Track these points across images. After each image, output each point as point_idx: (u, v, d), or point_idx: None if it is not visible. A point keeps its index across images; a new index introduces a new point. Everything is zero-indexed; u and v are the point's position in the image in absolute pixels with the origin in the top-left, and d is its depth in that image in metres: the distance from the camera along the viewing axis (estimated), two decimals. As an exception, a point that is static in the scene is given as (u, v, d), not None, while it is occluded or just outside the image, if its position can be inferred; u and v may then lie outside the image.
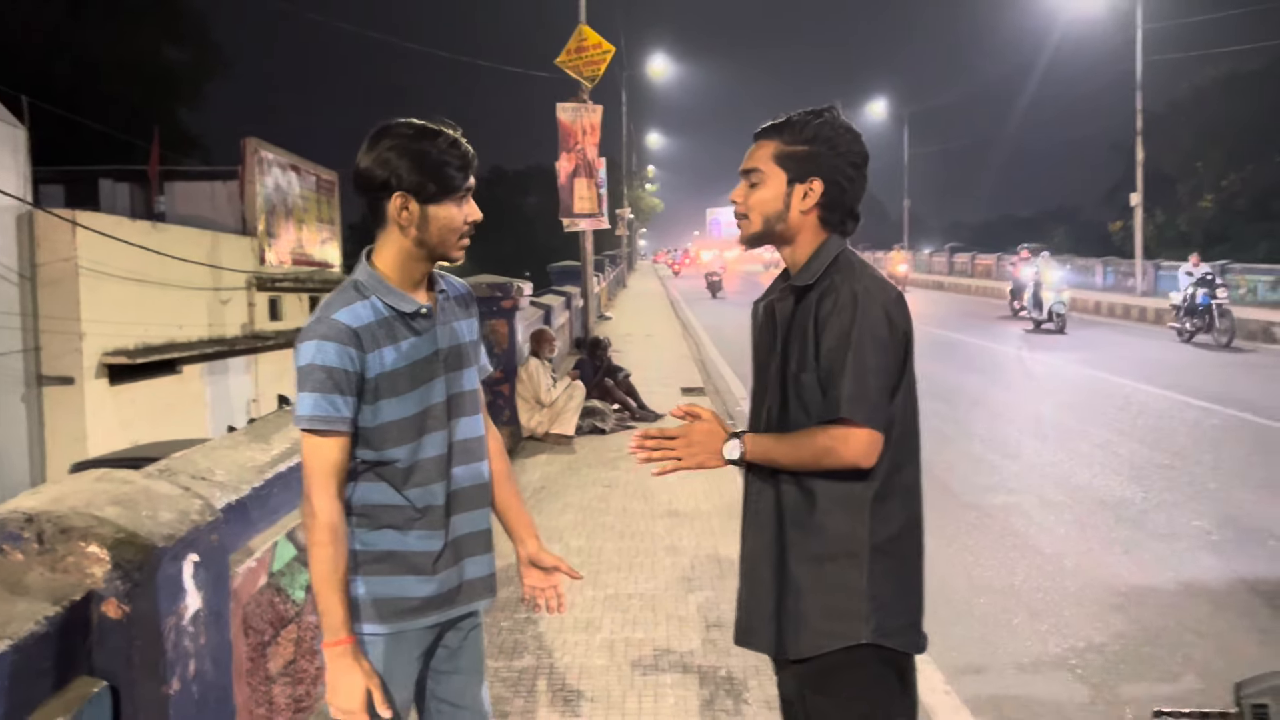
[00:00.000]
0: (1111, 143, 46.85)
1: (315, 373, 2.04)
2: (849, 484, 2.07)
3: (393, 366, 2.10)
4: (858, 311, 2.03)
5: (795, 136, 2.17)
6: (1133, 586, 5.51)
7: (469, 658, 2.34)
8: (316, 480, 2.06)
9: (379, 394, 2.09)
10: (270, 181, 23.48)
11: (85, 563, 2.15)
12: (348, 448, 2.09)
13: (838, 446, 2.02)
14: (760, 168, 2.20)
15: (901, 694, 2.14)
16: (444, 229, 2.13)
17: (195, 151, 33.70)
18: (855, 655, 2.06)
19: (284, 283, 23.78)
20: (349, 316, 2.07)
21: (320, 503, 2.05)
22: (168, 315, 18.21)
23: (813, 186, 2.16)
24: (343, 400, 2.04)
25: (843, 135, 2.17)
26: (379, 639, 2.15)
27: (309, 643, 3.53)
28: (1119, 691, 4.25)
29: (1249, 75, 37.19)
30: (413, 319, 2.14)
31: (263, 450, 3.34)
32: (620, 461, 8.34)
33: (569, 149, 15.22)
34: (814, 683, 2.12)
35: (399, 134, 2.09)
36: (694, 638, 4.56)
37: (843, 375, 2.02)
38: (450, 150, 2.10)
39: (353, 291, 2.12)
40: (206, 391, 19.91)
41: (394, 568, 2.16)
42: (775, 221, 2.20)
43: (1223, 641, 4.75)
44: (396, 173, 2.07)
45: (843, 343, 2.03)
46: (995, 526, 6.70)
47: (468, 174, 2.14)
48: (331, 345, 2.04)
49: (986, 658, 4.62)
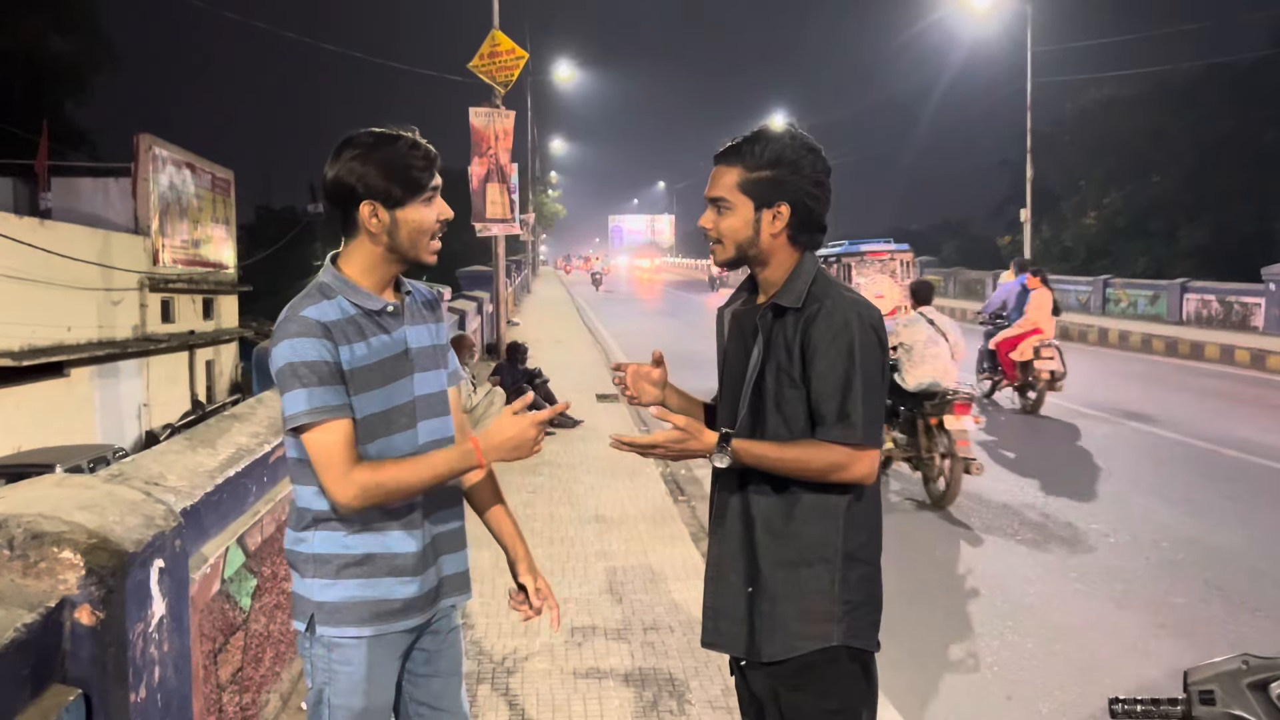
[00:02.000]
0: (1001, 159, 48.53)
1: (298, 370, 2.03)
2: (828, 494, 2.16)
3: (363, 362, 2.10)
4: (856, 336, 2.11)
5: (757, 162, 2.19)
6: (1039, 587, 5.78)
7: (448, 660, 2.34)
8: (331, 473, 2.02)
9: (354, 388, 2.08)
10: (165, 179, 22.75)
11: (58, 569, 2.10)
12: (352, 432, 2.06)
13: (850, 465, 2.10)
14: (726, 196, 2.23)
15: (868, 688, 2.25)
16: (415, 231, 2.14)
17: (83, 147, 32.36)
18: (828, 655, 2.16)
19: (177, 284, 23.08)
20: (317, 313, 2.07)
21: (343, 493, 2.01)
22: (55, 316, 17.48)
23: (780, 210, 2.20)
24: (330, 390, 2.03)
25: (805, 156, 2.19)
26: (362, 642, 2.14)
27: (255, 650, 3.47)
28: (1033, 688, 4.46)
29: (1129, 99, 38.99)
30: (380, 316, 2.15)
31: (211, 455, 3.29)
32: (543, 467, 8.34)
33: (481, 154, 15.17)
34: (788, 681, 2.20)
35: (360, 143, 2.12)
36: (633, 641, 4.61)
37: (854, 401, 2.09)
38: (411, 152, 2.13)
39: (317, 294, 2.12)
40: (96, 395, 19.16)
41: (374, 570, 2.15)
42: (748, 247, 2.24)
43: (1125, 637, 5.01)
44: (363, 180, 2.09)
45: (847, 368, 2.10)
46: (905, 534, 6.91)
47: (432, 173, 2.16)
48: (306, 340, 2.04)
49: (906, 659, 4.79)
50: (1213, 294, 22.14)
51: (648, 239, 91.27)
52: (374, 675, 2.17)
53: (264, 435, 3.69)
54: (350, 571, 2.15)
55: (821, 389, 2.12)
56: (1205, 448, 9.53)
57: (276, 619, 3.75)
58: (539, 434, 2.11)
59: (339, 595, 2.14)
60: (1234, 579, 5.81)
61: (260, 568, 3.57)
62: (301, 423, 2.03)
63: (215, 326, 25.90)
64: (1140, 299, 24.70)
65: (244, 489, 3.39)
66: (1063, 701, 4.30)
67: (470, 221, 15.17)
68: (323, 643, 2.15)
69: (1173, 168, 37.27)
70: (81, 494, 2.38)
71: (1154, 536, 6.68)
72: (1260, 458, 9.00)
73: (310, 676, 2.20)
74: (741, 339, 2.30)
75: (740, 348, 2.30)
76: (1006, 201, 45.26)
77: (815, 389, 2.13)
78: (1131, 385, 13.85)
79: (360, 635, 2.14)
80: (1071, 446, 9.81)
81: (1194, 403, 12.51)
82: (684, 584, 5.34)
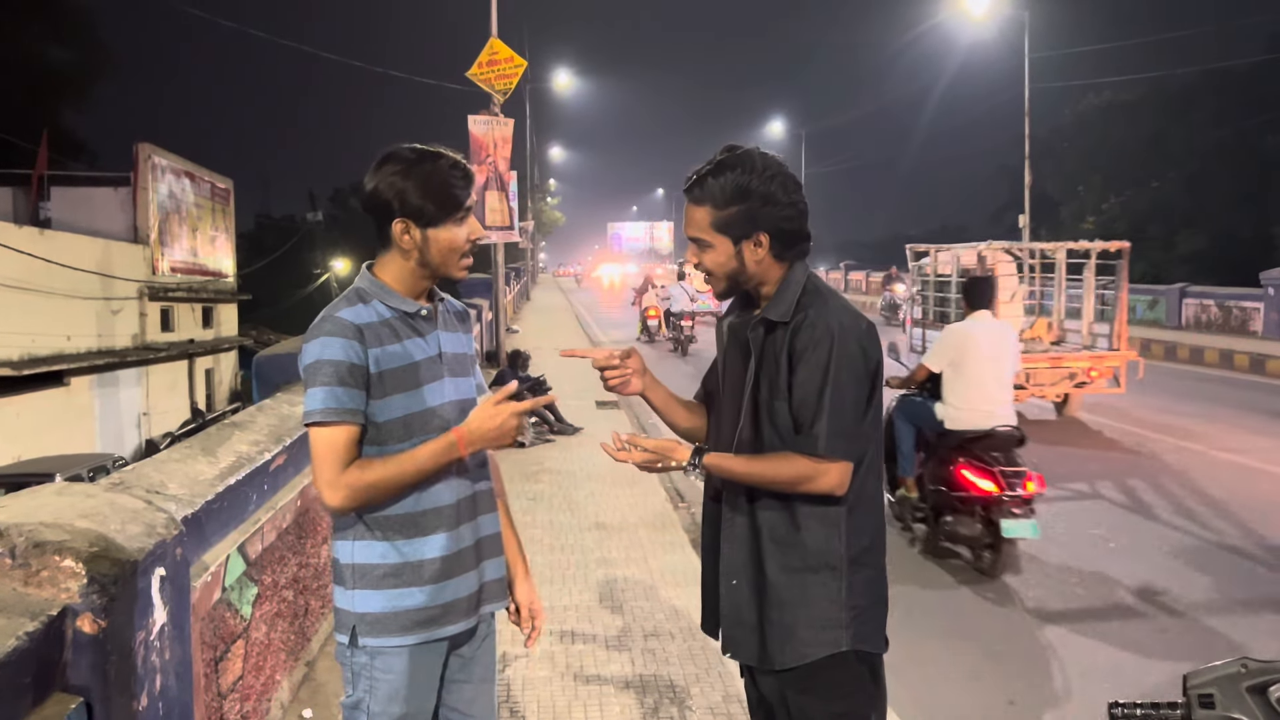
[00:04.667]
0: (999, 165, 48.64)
1: (322, 368, 2.07)
2: (825, 503, 2.18)
3: (400, 362, 2.13)
4: (834, 347, 2.11)
5: (725, 200, 2.18)
6: (1039, 593, 5.77)
7: (483, 666, 2.36)
8: (325, 473, 2.05)
9: (387, 388, 2.11)
10: (164, 188, 22.75)
11: (60, 577, 2.10)
12: (357, 438, 2.09)
13: (816, 478, 2.11)
14: (703, 237, 2.24)
15: (875, 691, 2.27)
16: (445, 250, 2.18)
17: (83, 156, 32.39)
18: (837, 659, 2.18)
19: (177, 292, 23.07)
20: (351, 315, 2.12)
21: (333, 495, 2.05)
22: (55, 325, 17.46)
23: (760, 239, 2.20)
24: (348, 393, 2.06)
25: (769, 181, 2.16)
26: (404, 650, 2.15)
27: (255, 658, 3.47)
28: (1034, 695, 4.46)
29: (1127, 104, 39.09)
30: (414, 319, 2.20)
31: (211, 463, 3.29)
32: (543, 475, 8.34)
33: (480, 161, 15.16)
34: (798, 685, 2.22)
35: (402, 158, 2.15)
36: (633, 647, 4.61)
37: (820, 412, 2.10)
38: (452, 171, 2.16)
39: (355, 297, 2.18)
40: (95, 404, 19.13)
41: (415, 578, 2.15)
42: (739, 276, 2.26)
43: (1127, 643, 5.02)
44: (400, 196, 2.13)
45: (820, 378, 2.10)
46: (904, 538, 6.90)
47: (468, 194, 2.19)
48: (337, 340, 2.08)
49: (906, 666, 4.79)
50: (1211, 299, 22.17)
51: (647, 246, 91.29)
52: (415, 682, 2.18)
53: (264, 443, 3.69)
54: (390, 581, 2.15)
55: (799, 397, 2.14)
56: (1206, 453, 9.53)
57: (277, 627, 3.75)
58: (519, 423, 2.15)
59: (381, 605, 2.14)
60: (1233, 585, 5.81)
61: (261, 576, 3.57)
62: (314, 419, 2.06)
63: (215, 335, 25.89)
64: (1139, 304, 24.70)
65: (245, 497, 3.39)
66: (1065, 707, 4.30)
67: (469, 229, 15.17)
68: (365, 650, 2.16)
69: (1171, 173, 37.34)
70: (83, 502, 2.39)
71: (1155, 542, 6.68)
72: (1262, 464, 9.00)
73: (350, 683, 2.20)
74: (738, 351, 2.32)
75: (737, 360, 2.32)
76: (1005, 207, 45.40)
77: (794, 398, 2.15)
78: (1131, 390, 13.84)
79: (404, 644, 2.15)
80: (1069, 451, 9.81)
81: (1196, 408, 12.50)
82: (684, 591, 5.34)
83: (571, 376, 14.80)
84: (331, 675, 4.06)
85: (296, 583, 4.03)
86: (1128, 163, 38.44)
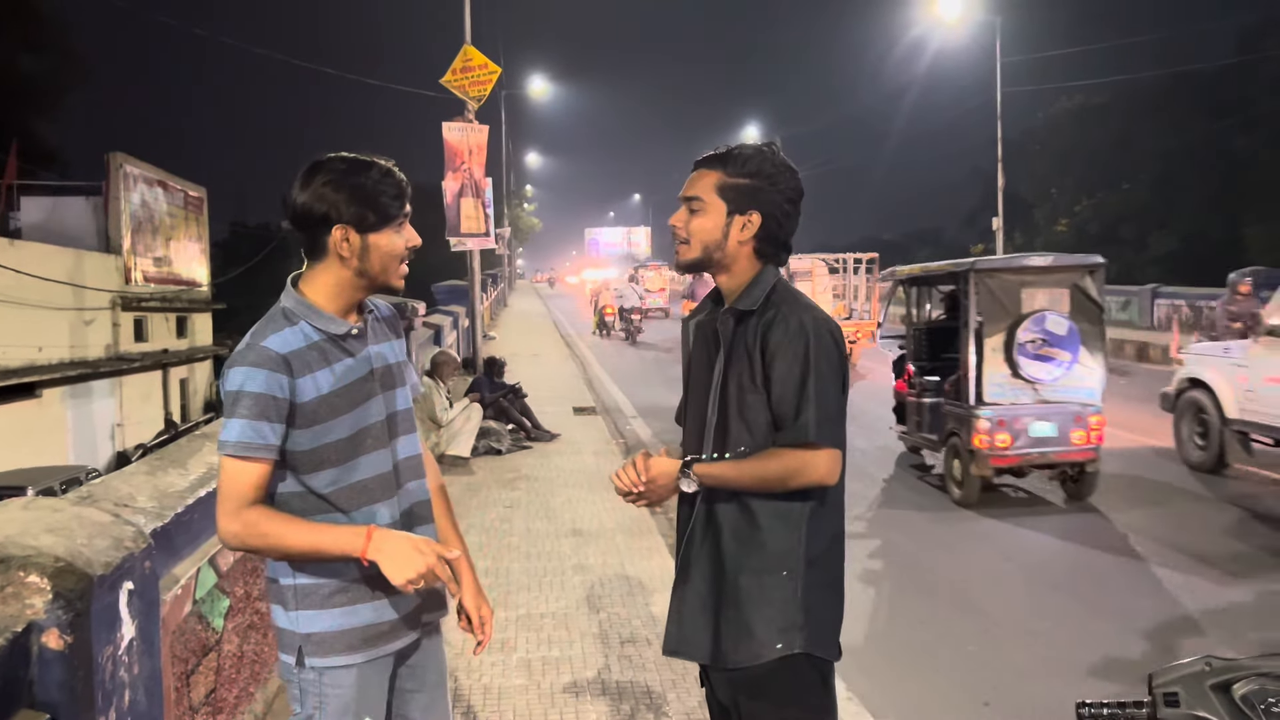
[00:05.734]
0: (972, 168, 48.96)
1: (243, 399, 2.01)
2: (789, 502, 2.18)
3: (329, 389, 2.08)
4: (811, 339, 2.14)
5: (738, 169, 2.25)
6: (1013, 593, 5.81)
7: (434, 672, 2.34)
8: (228, 505, 2.00)
9: (317, 418, 2.06)
10: (136, 197, 22.55)
11: (25, 593, 2.08)
12: (267, 475, 2.03)
13: (807, 467, 2.12)
14: (702, 196, 2.28)
15: (826, 698, 2.26)
16: (386, 256, 2.14)
17: (54, 165, 32.02)
18: (789, 663, 2.17)
19: (150, 302, 22.85)
20: (278, 343, 2.05)
21: (228, 525, 2.01)
22: (26, 336, 17.26)
23: (751, 219, 2.24)
24: (269, 427, 2.00)
25: (783, 172, 2.27)
26: (353, 669, 2.12)
27: (228, 672, 3.44)
28: (1007, 694, 4.48)
29: (1098, 107, 39.45)
30: (344, 340, 2.14)
31: (181, 475, 3.27)
32: (519, 482, 8.32)
33: (455, 168, 15.12)
34: (749, 689, 2.20)
35: (333, 169, 2.11)
36: (609, 654, 4.61)
37: (806, 401, 2.12)
38: (384, 180, 2.13)
39: (281, 319, 2.11)
40: (68, 416, 18.94)
41: (358, 595, 2.13)
42: (714, 250, 2.28)
43: (1097, 641, 5.06)
44: (335, 206, 2.08)
45: (802, 370, 2.13)
46: (879, 541, 6.94)
47: (404, 202, 2.17)
48: (261, 372, 2.02)
49: (882, 666, 4.81)
50: (1183, 299, 22.39)
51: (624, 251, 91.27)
52: (365, 696, 2.16)
53: (236, 454, 3.66)
54: (339, 599, 2.12)
55: (779, 392, 2.15)
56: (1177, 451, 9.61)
57: (250, 639, 3.72)
58: (433, 570, 2.02)
59: (326, 625, 2.12)
60: (1203, 583, 5.87)
61: (233, 588, 3.54)
62: (228, 451, 2.00)
63: (189, 345, 25.66)
64: (1112, 304, 24.93)
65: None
66: (1036, 706, 4.33)
67: (445, 236, 15.13)
68: (313, 669, 2.13)
69: (1142, 175, 37.71)
70: (49, 516, 2.36)
71: (1127, 542, 6.74)
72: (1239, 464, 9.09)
73: (299, 701, 2.16)
74: (705, 347, 2.34)
75: (704, 355, 2.34)
76: (979, 210, 45.62)
77: (774, 392, 2.16)
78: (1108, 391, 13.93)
79: (351, 662, 2.13)
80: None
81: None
82: (661, 596, 5.32)
83: (549, 383, 14.78)
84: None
85: (269, 595, 3.99)
86: (1099, 165, 38.82)
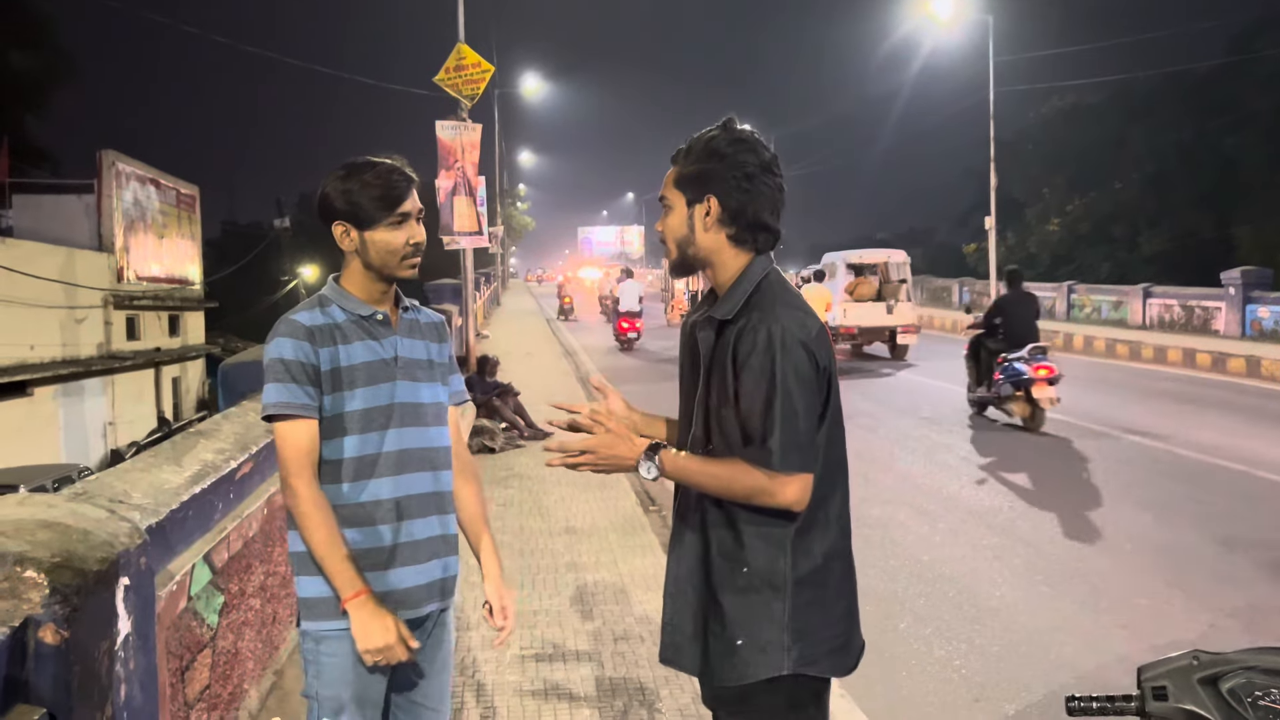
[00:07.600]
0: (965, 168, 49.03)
1: (275, 366, 2.24)
2: (770, 523, 2.07)
3: (348, 362, 2.28)
4: (777, 353, 1.99)
5: (688, 158, 2.18)
6: (1006, 590, 5.84)
7: (438, 659, 2.45)
8: (292, 464, 2.20)
9: (336, 386, 2.26)
10: (128, 195, 22.52)
11: (22, 588, 2.09)
12: (316, 431, 2.24)
13: (773, 491, 2.00)
14: (666, 194, 2.23)
15: (816, 714, 2.15)
16: (383, 252, 2.34)
17: (46, 163, 31.92)
18: (775, 684, 2.06)
19: (142, 300, 22.82)
20: (305, 318, 2.29)
21: (299, 484, 2.20)
22: (17, 334, 17.25)
23: (709, 204, 2.14)
24: (302, 389, 2.23)
25: (733, 147, 2.12)
26: (347, 637, 2.21)
27: (223, 668, 3.45)
28: (1000, 690, 4.51)
29: (1090, 107, 39.62)
30: (369, 323, 2.35)
31: (176, 472, 3.27)
32: (513, 480, 8.34)
33: (448, 167, 15.11)
34: (730, 707, 2.14)
35: (344, 166, 2.35)
36: (603, 651, 4.62)
37: (773, 424, 1.98)
38: (387, 176, 2.31)
39: (315, 302, 2.36)
40: (60, 414, 18.92)
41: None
42: (685, 245, 2.20)
43: (1089, 639, 5.08)
44: (337, 201, 2.32)
45: (768, 389, 1.99)
46: (875, 537, 6.96)
47: (394, 202, 2.32)
48: (288, 340, 2.25)
49: (874, 662, 4.83)
50: (1174, 299, 22.48)
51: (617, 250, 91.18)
52: (361, 669, 2.25)
53: (230, 452, 3.67)
54: None
55: (746, 408, 2.03)
56: (1169, 450, 9.67)
57: (245, 635, 3.73)
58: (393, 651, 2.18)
59: (318, 590, 2.26)
60: (1194, 580, 5.90)
61: (228, 584, 3.55)
62: (270, 413, 2.22)
63: (181, 343, 25.64)
64: (1104, 304, 25.03)
65: (210, 506, 3.37)
66: (1028, 702, 4.36)
67: (438, 235, 15.12)
68: (312, 637, 2.28)
69: (1134, 175, 37.87)
70: (45, 513, 2.37)
71: (1119, 540, 6.77)
72: (1222, 459, 9.14)
73: (307, 673, 2.33)
74: (691, 354, 2.23)
75: (689, 363, 2.24)
76: (971, 209, 45.76)
77: (742, 407, 2.04)
78: (1097, 390, 14.01)
79: (342, 627, 2.22)
80: (1037, 452, 9.92)
81: (1159, 406, 12.68)
82: (654, 594, 5.35)
83: (542, 381, 14.80)
84: (299, 683, 4.04)
85: (264, 591, 4.00)
86: (1091, 165, 38.96)
